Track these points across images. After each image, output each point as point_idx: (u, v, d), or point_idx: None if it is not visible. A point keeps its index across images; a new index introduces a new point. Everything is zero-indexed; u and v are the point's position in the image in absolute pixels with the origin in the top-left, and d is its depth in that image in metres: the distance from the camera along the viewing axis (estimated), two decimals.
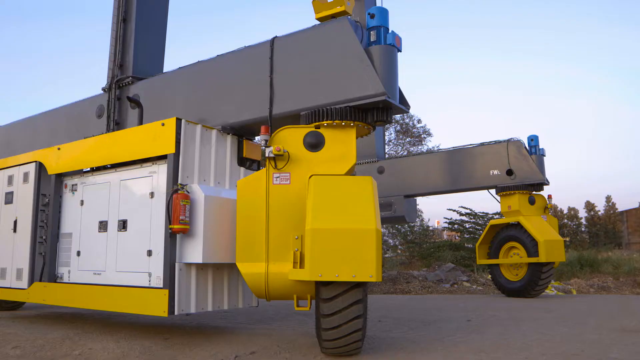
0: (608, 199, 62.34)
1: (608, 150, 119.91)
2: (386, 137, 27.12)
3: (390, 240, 26.92)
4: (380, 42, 5.23)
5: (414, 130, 29.67)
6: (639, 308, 8.50)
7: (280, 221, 4.93)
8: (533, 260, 10.63)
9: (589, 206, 61.69)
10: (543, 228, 10.94)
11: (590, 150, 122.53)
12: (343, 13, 12.97)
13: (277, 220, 4.94)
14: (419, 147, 29.52)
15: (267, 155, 4.97)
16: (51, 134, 8.45)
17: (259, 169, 6.41)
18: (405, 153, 28.55)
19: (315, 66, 5.44)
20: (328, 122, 5.06)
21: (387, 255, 25.32)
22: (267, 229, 4.94)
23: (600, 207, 62.82)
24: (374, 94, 4.98)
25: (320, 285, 4.47)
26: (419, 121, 30.35)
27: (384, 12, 5.37)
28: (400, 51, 5.34)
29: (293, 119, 5.57)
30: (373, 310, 7.69)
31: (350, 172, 5.13)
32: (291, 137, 5.10)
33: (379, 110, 5.11)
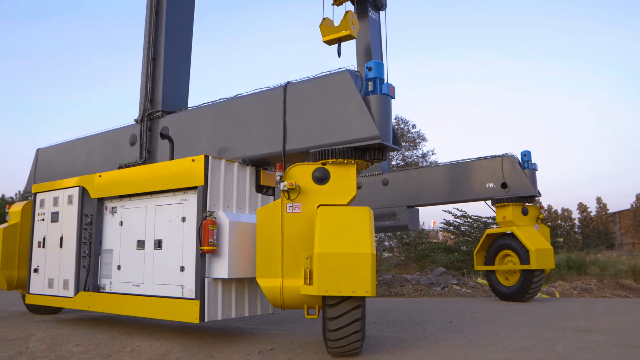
0: (598, 200, 63.22)
1: (604, 151, 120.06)
2: None
3: (387, 242, 27.90)
4: (376, 92, 6.16)
5: (408, 135, 30.63)
6: (600, 310, 9.47)
7: (293, 243, 5.89)
8: (525, 267, 11.51)
9: (582, 207, 62.54)
10: (534, 237, 11.81)
11: (585, 151, 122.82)
12: (348, 37, 14.04)
13: (290, 242, 5.91)
14: (414, 151, 30.50)
15: (281, 188, 5.96)
16: (88, 157, 9.49)
17: (274, 194, 7.39)
18: (400, 157, 29.46)
19: (321, 111, 6.40)
20: (333, 160, 6.02)
21: (383, 256, 26.38)
22: (282, 250, 5.91)
23: (593, 208, 63.79)
24: (370, 136, 5.93)
25: (325, 298, 5.45)
26: (414, 126, 31.37)
27: (380, 66, 6.31)
28: (394, 98, 6.29)
29: (303, 154, 6.56)
30: (370, 312, 8.71)
31: (351, 202, 6.09)
32: (302, 173, 6.07)
33: (376, 150, 6.08)
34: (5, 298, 14.46)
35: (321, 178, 6.05)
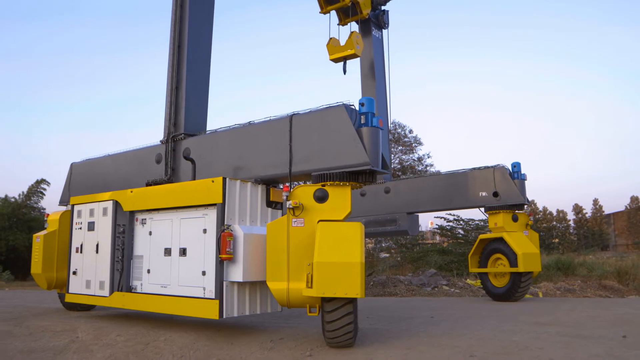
0: (595, 201, 64.21)
1: (604, 152, 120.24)
2: None
3: (384, 244, 29.03)
4: (368, 124, 7.25)
5: (405, 139, 31.79)
6: (565, 308, 10.49)
7: (297, 253, 7.02)
8: (514, 270, 12.56)
9: (577, 209, 63.41)
10: (522, 242, 12.84)
11: (585, 151, 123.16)
12: (353, 56, 15.32)
13: (295, 252, 7.04)
14: (410, 155, 31.68)
15: (287, 206, 7.09)
16: (117, 172, 10.72)
17: (282, 208, 8.52)
18: (397, 161, 30.60)
19: (321, 139, 7.52)
20: (331, 182, 7.15)
21: (380, 257, 27.56)
22: (288, 258, 7.04)
23: (589, 209, 64.69)
24: (362, 163, 7.04)
25: (323, 299, 6.59)
26: (411, 131, 32.57)
27: (371, 102, 7.39)
28: (383, 129, 7.39)
29: (306, 176, 7.69)
30: (364, 309, 9.92)
31: (347, 218, 7.21)
32: (304, 193, 7.19)
33: (366, 174, 7.19)
34: (34, 296, 15.80)
35: (321, 197, 7.17)
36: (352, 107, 7.51)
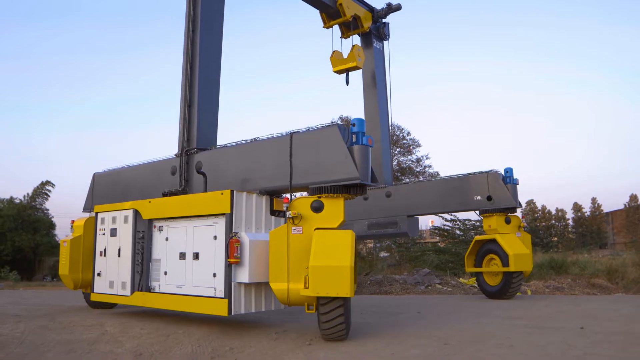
0: (593, 200, 64.65)
1: (603, 151, 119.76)
2: None
3: (384, 242, 29.90)
4: (358, 143, 8.14)
5: (403, 141, 32.58)
6: (542, 304, 11.34)
7: (296, 257, 7.94)
8: (505, 269, 13.39)
9: (576, 207, 63.78)
10: (514, 243, 13.65)
11: (585, 150, 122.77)
12: (355, 68, 16.30)
13: (294, 256, 7.96)
14: (408, 156, 32.46)
15: (287, 216, 8.02)
16: (136, 182, 11.73)
17: (284, 216, 9.44)
18: (395, 162, 31.40)
19: (318, 156, 8.42)
20: (326, 194, 8.06)
21: (380, 256, 28.46)
22: (288, 262, 7.96)
23: (587, 208, 65.13)
24: (353, 177, 7.94)
25: (318, 298, 7.52)
26: (409, 134, 33.36)
27: (362, 122, 8.28)
28: (372, 147, 8.29)
29: (305, 188, 8.62)
30: (360, 307, 10.87)
31: (340, 225, 8.12)
32: (303, 204, 8.12)
33: (357, 187, 8.10)
34: (52, 296, 16.92)
35: (317, 208, 8.09)
36: (345, 126, 8.41)
